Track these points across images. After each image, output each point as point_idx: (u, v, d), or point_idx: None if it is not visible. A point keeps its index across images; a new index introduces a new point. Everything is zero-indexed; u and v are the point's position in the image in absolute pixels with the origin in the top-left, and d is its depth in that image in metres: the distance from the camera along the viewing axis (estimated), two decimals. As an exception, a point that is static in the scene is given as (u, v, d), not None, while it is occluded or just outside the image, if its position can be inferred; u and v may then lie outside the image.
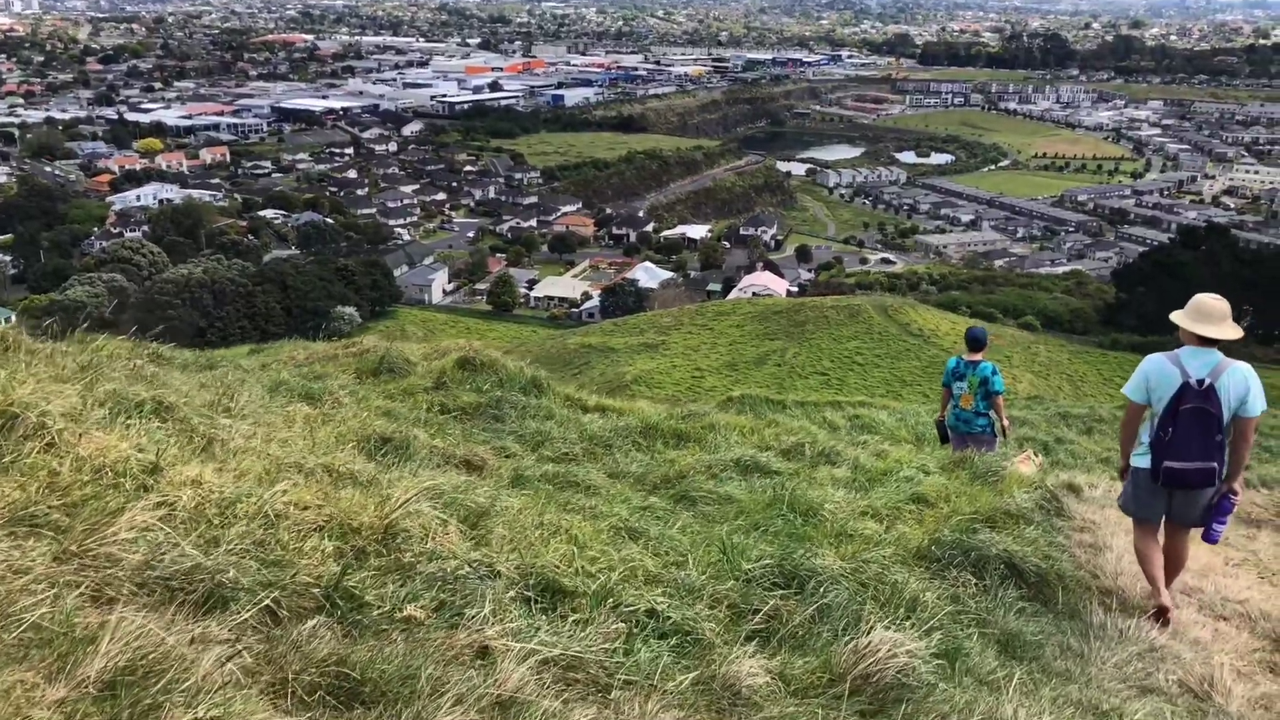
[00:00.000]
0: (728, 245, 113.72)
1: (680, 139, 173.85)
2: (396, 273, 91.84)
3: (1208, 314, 5.37)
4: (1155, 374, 5.40)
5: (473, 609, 2.88)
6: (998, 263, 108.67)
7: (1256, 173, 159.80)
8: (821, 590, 3.66)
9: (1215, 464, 5.26)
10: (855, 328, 55.50)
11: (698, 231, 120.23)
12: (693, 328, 59.22)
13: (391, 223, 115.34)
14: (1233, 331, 5.38)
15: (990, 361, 9.61)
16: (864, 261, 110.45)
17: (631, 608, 3.16)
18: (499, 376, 7.22)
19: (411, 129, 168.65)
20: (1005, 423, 9.70)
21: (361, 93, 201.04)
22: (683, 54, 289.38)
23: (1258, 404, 5.35)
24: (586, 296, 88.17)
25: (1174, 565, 5.59)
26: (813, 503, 5.06)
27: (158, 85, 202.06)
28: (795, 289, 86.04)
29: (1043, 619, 4.40)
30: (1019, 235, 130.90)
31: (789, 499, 5.05)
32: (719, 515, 4.98)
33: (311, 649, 2.46)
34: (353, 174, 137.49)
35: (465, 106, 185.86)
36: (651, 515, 4.67)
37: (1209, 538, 5.44)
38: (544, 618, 3.03)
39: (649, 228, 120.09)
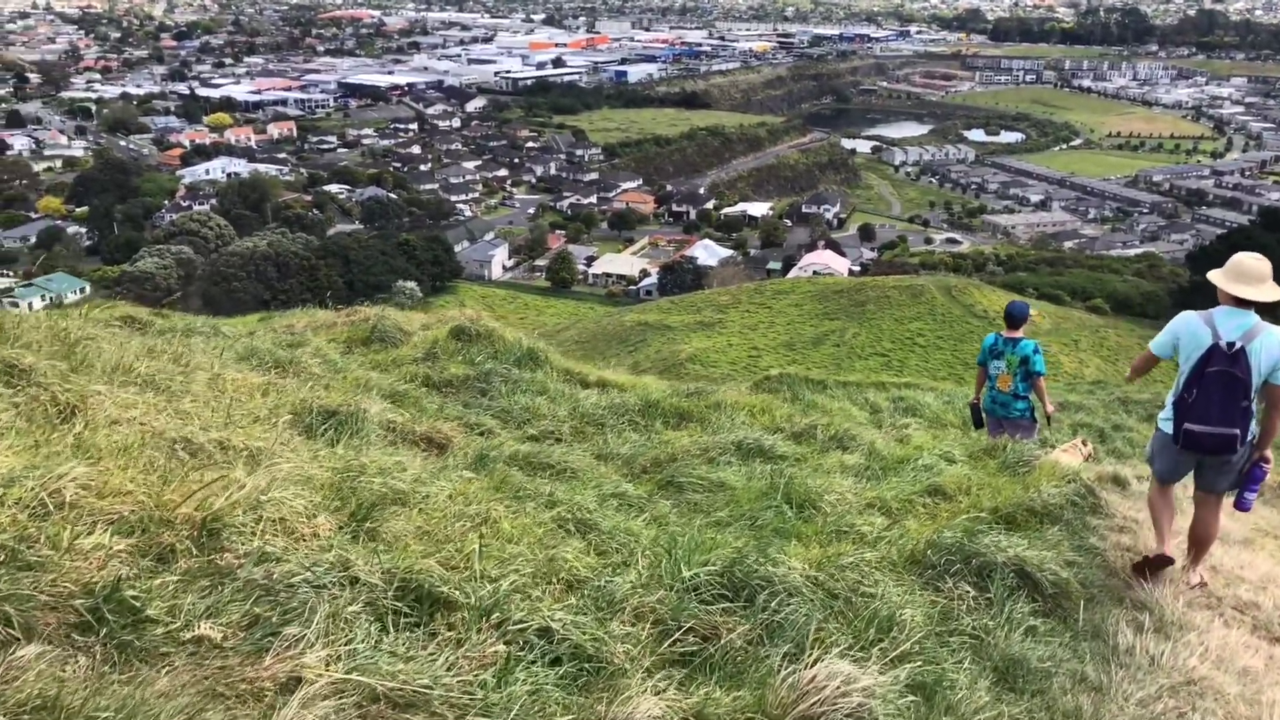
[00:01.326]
0: (789, 223, 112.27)
1: (743, 115, 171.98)
2: (457, 248, 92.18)
3: (1246, 274, 5.13)
4: (1185, 332, 5.17)
5: (295, 626, 2.36)
6: (1067, 244, 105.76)
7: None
8: (775, 604, 3.09)
9: (1238, 430, 5.00)
10: (918, 308, 54.34)
11: (759, 209, 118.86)
12: (751, 306, 58.51)
13: (453, 198, 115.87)
14: (1272, 293, 5.08)
15: (1032, 339, 8.73)
16: (929, 241, 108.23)
17: (523, 624, 2.62)
18: (495, 348, 6.78)
19: (475, 105, 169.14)
20: (1050, 407, 8.82)
21: (426, 68, 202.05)
22: (747, 30, 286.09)
23: None
24: (645, 274, 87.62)
25: (1203, 538, 5.38)
26: (811, 493, 4.52)
27: (228, 61, 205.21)
28: (857, 268, 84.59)
29: (1057, 640, 3.74)
30: (1090, 216, 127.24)
31: (785, 488, 4.52)
32: (706, 505, 4.46)
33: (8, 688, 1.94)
34: (416, 149, 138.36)
35: (528, 82, 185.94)
36: (619, 505, 4.17)
37: (1241, 505, 5.28)
38: (404, 636, 2.51)
39: (709, 205, 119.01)
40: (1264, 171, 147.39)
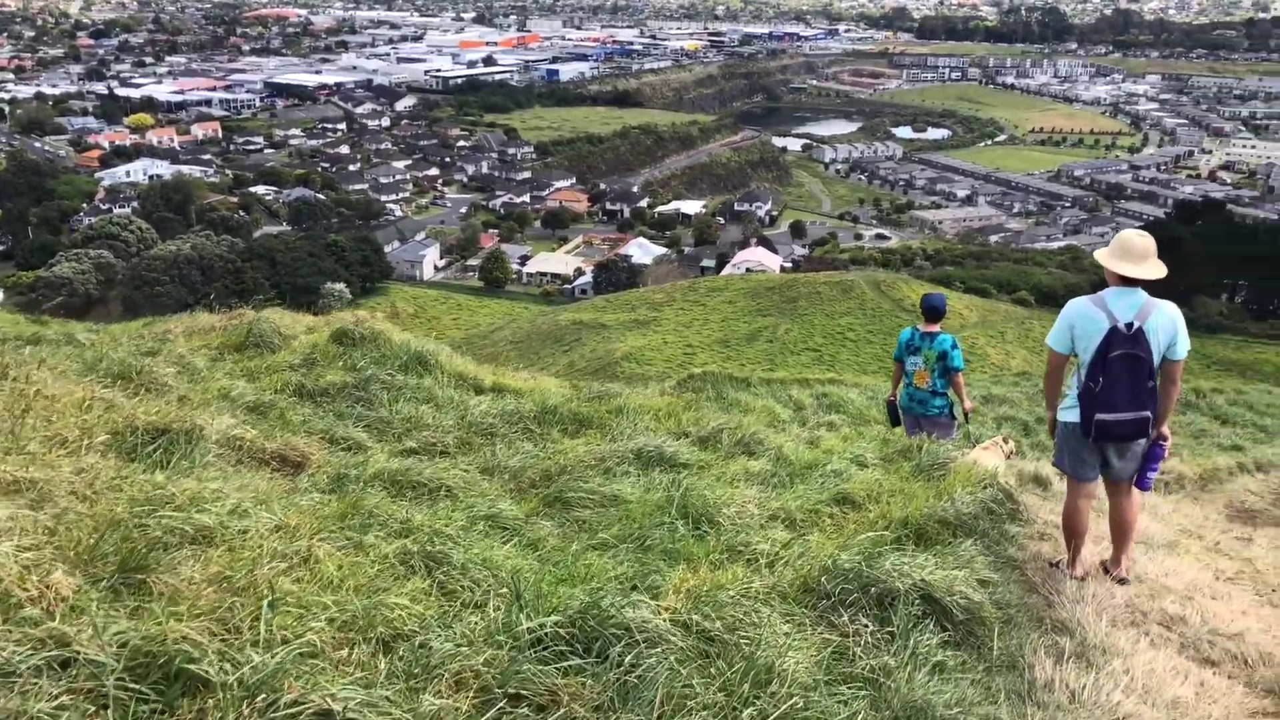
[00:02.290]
0: (722, 221, 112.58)
1: (675, 114, 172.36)
2: (388, 249, 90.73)
3: (1132, 251, 5.01)
4: (1080, 320, 5.02)
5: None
6: (993, 238, 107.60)
7: (1253, 147, 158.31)
8: (632, 659, 2.61)
9: (1149, 412, 4.90)
10: (848, 304, 54.77)
11: (692, 207, 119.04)
12: (685, 304, 58.46)
13: (383, 198, 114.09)
14: (1157, 270, 4.97)
15: (950, 334, 8.29)
16: (858, 237, 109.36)
17: (297, 709, 2.07)
18: (381, 352, 6.25)
19: (405, 104, 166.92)
20: (967, 404, 8.39)
21: (355, 67, 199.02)
22: (678, 28, 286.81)
23: (1185, 344, 5.02)
24: (579, 272, 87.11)
25: (1123, 529, 5.25)
26: (710, 506, 4.13)
27: (149, 60, 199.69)
28: (789, 265, 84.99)
29: (968, 677, 3.27)
30: (1015, 210, 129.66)
31: (681, 501, 4.12)
32: (595, 523, 4.03)
33: None
34: (345, 149, 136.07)
35: (459, 81, 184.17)
36: (489, 529, 3.73)
37: (1143, 485, 5.20)
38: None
39: (643, 203, 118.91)
40: (1178, 166, 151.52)
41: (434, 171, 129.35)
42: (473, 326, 70.89)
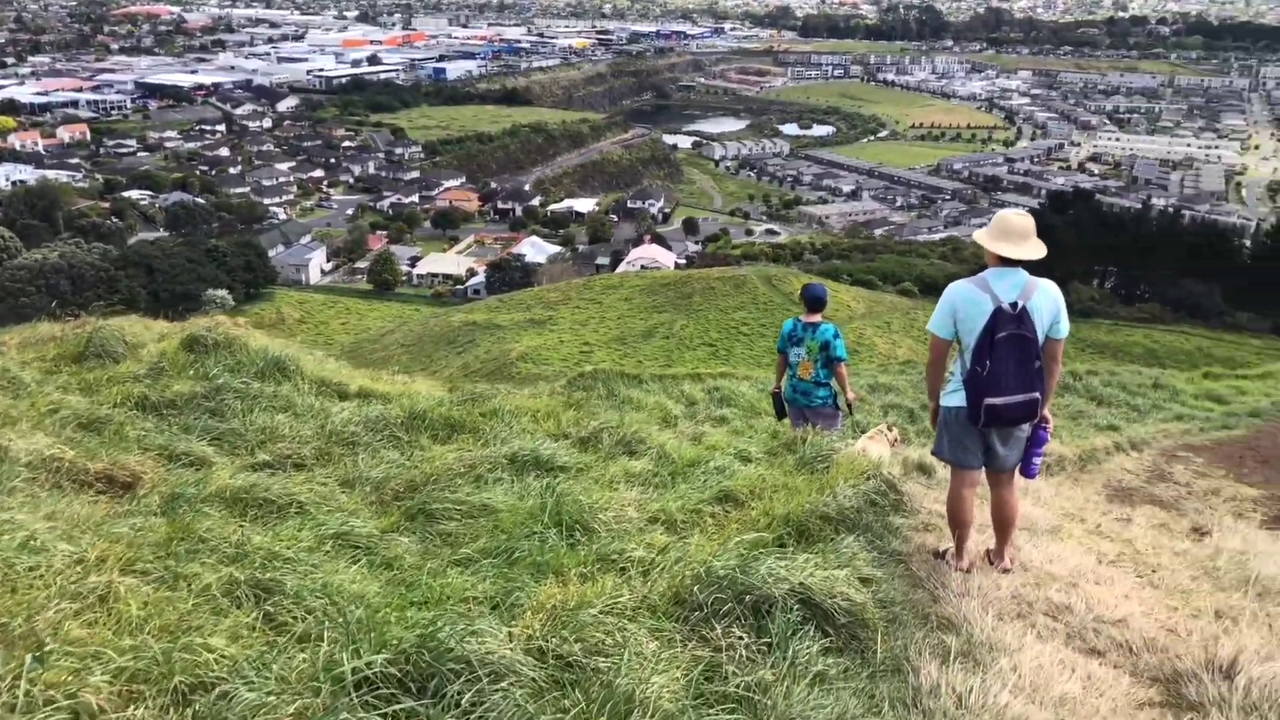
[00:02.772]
0: (615, 219, 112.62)
1: (566, 112, 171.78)
2: (272, 253, 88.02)
3: (1011, 231, 4.90)
4: (963, 302, 4.87)
5: None
6: (878, 231, 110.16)
7: (1118, 139, 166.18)
8: (472, 696, 2.31)
9: (1037, 394, 4.80)
10: (741, 298, 55.30)
11: (585, 205, 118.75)
12: (580, 302, 58.22)
13: (266, 201, 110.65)
14: (1037, 249, 4.88)
15: (831, 324, 8.21)
16: (749, 233, 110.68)
17: None
18: (236, 359, 5.82)
19: (287, 104, 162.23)
20: (850, 395, 8.29)
21: (233, 67, 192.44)
22: (566, 26, 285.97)
23: (1066, 323, 5.00)
24: (472, 273, 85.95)
25: (1006, 520, 5.11)
26: (585, 511, 3.89)
27: (10, 60, 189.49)
28: (683, 261, 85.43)
29: (850, 686, 3.07)
30: (898, 204, 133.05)
31: (555, 508, 3.88)
32: (460, 536, 3.75)
33: None
34: (225, 152, 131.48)
35: (343, 81, 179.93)
36: (337, 549, 3.41)
37: (1028, 473, 5.08)
38: None
39: (535, 202, 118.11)
40: (1050, 158, 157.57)
41: (319, 173, 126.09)
42: (362, 330, 69.32)
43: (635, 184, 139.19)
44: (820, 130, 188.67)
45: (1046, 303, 4.84)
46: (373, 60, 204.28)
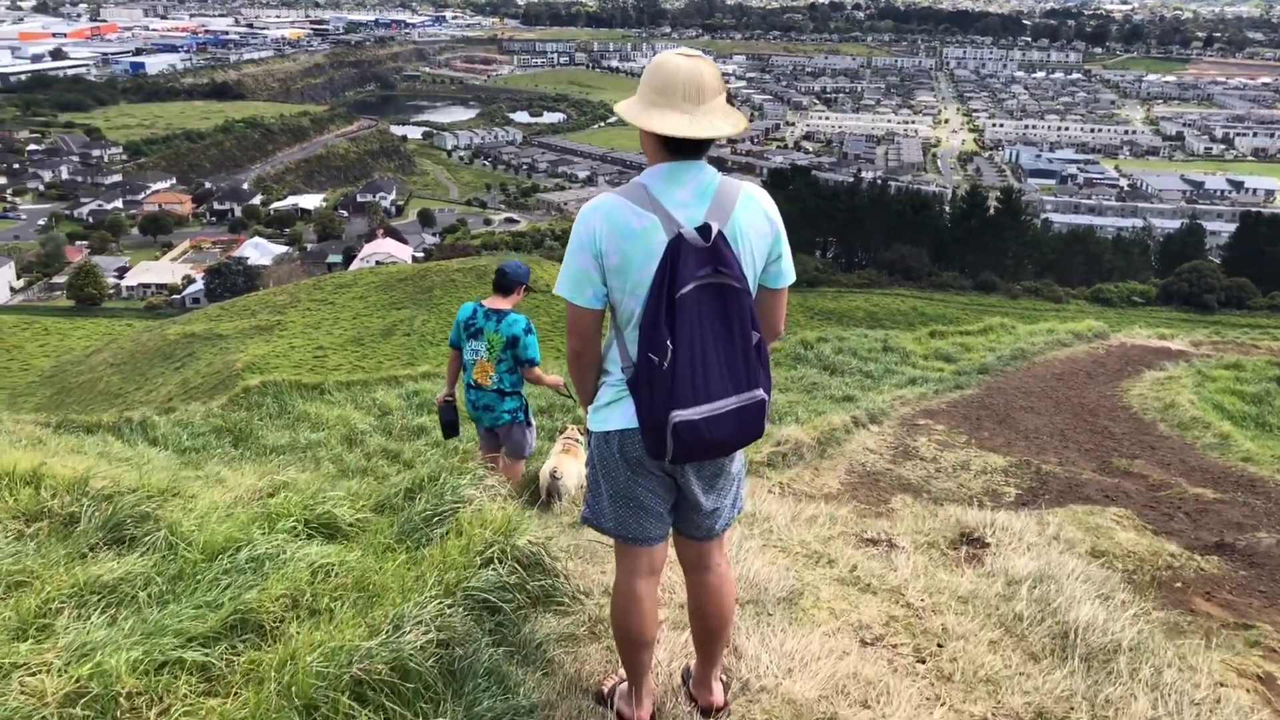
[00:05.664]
0: (345, 214, 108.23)
1: (284, 105, 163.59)
2: (-55, 273, 78.10)
3: (672, 86, 2.69)
4: (611, 231, 2.71)
5: None
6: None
7: (827, 118, 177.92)
8: None
9: (761, 391, 2.72)
10: (483, 289, 53.91)
11: (311, 201, 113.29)
12: (311, 304, 55.15)
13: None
14: (731, 121, 2.76)
15: (523, 315, 6.19)
16: (488, 222, 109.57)
17: None
18: None
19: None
20: (554, 378, 6.30)
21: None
22: (277, 16, 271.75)
23: (790, 261, 2.95)
24: (189, 280, 79.84)
25: (716, 624, 2.99)
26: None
27: None
28: (420, 254, 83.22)
29: None
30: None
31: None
32: None
33: None
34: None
35: (23, 77, 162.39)
36: None
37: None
38: None
39: (256, 201, 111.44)
40: (768, 138, 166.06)
41: (1, 180, 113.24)
42: (65, 351, 62.67)
43: (365, 177, 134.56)
44: (551, 117, 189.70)
45: (757, 223, 2.80)
46: (57, 54, 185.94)
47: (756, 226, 2.82)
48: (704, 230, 2.65)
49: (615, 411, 2.83)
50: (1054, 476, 6.74)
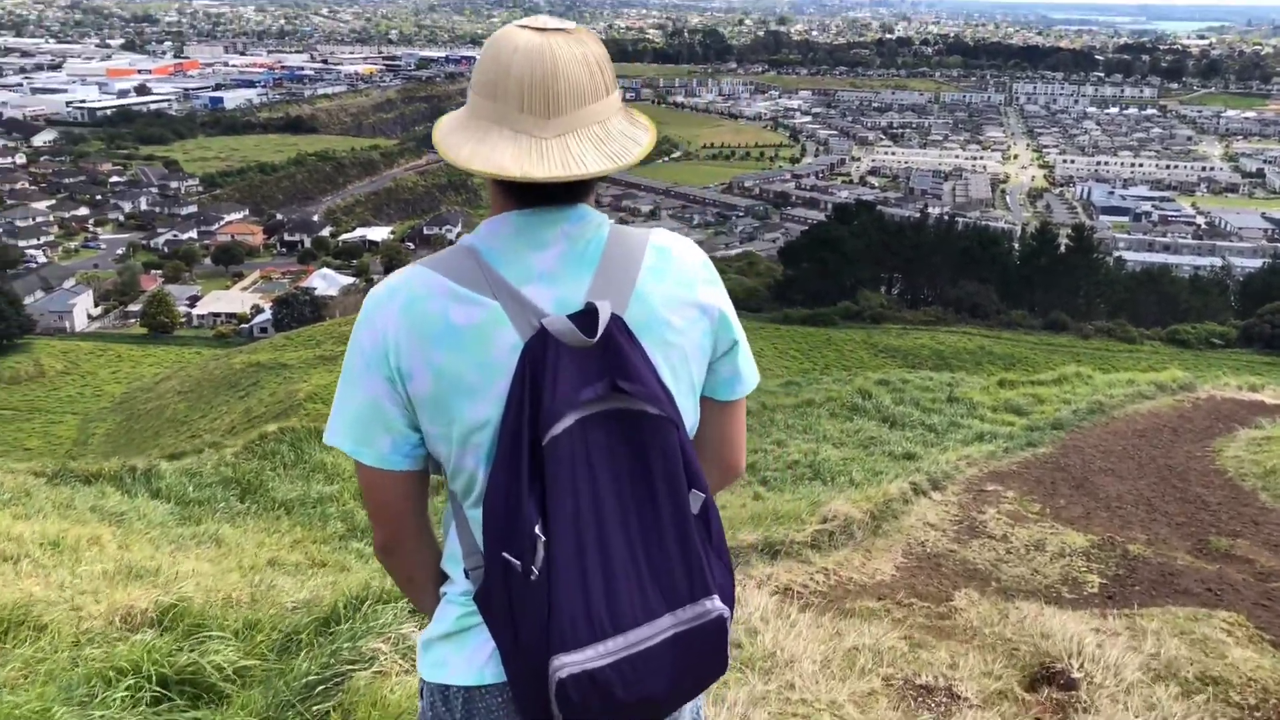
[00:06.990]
0: (412, 246, 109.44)
1: (355, 139, 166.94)
2: (29, 299, 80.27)
3: (502, 83, 1.52)
4: (416, 337, 1.49)
5: None
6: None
7: (893, 153, 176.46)
8: None
9: (716, 597, 1.47)
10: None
11: (379, 233, 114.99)
12: (374, 335, 55.45)
13: (21, 244, 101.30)
14: (616, 149, 1.55)
15: None
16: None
17: None
18: None
19: (44, 138, 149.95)
20: None
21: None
22: (351, 53, 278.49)
23: (748, 355, 1.75)
24: (257, 310, 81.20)
25: None
26: None
27: None
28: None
29: None
30: (695, 222, 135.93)
31: None
32: None
33: None
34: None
35: (109, 112, 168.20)
36: None
37: None
38: None
39: (325, 232, 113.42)
40: (834, 173, 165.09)
41: (83, 211, 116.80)
42: (136, 379, 64.00)
43: (433, 210, 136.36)
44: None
45: (681, 295, 1.61)
46: (141, 90, 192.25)
47: (681, 301, 1.61)
48: (586, 318, 1.46)
49: (460, 649, 1.56)
50: (1143, 561, 5.99)
